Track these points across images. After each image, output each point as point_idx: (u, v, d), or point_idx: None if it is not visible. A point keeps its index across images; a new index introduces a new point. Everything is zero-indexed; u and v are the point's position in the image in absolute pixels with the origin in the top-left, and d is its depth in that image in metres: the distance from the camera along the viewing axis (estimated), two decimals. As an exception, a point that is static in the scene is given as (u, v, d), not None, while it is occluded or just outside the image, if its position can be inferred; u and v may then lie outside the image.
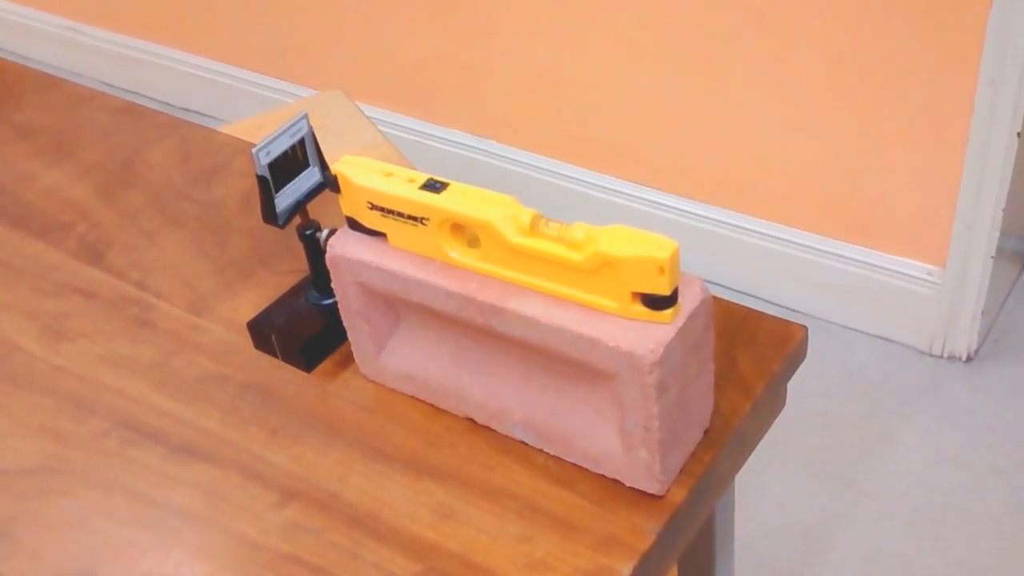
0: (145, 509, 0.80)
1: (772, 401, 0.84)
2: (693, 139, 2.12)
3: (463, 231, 0.75)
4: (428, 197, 0.74)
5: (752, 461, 1.88)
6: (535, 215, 0.71)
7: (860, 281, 2.07)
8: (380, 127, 2.56)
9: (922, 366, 2.04)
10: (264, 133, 1.35)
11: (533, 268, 0.72)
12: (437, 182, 0.75)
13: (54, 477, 0.84)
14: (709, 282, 2.28)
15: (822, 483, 1.84)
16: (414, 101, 2.54)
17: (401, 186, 0.75)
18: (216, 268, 1.02)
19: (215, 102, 2.96)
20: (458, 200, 0.73)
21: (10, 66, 1.39)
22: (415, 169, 0.79)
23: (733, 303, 0.89)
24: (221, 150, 1.19)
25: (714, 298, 0.88)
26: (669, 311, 0.68)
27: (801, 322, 2.14)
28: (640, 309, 0.68)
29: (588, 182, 2.32)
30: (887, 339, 2.09)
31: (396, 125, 2.58)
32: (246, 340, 0.93)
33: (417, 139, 2.56)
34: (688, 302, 0.70)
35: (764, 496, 1.83)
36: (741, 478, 1.85)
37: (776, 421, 1.93)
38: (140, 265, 1.04)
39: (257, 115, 1.73)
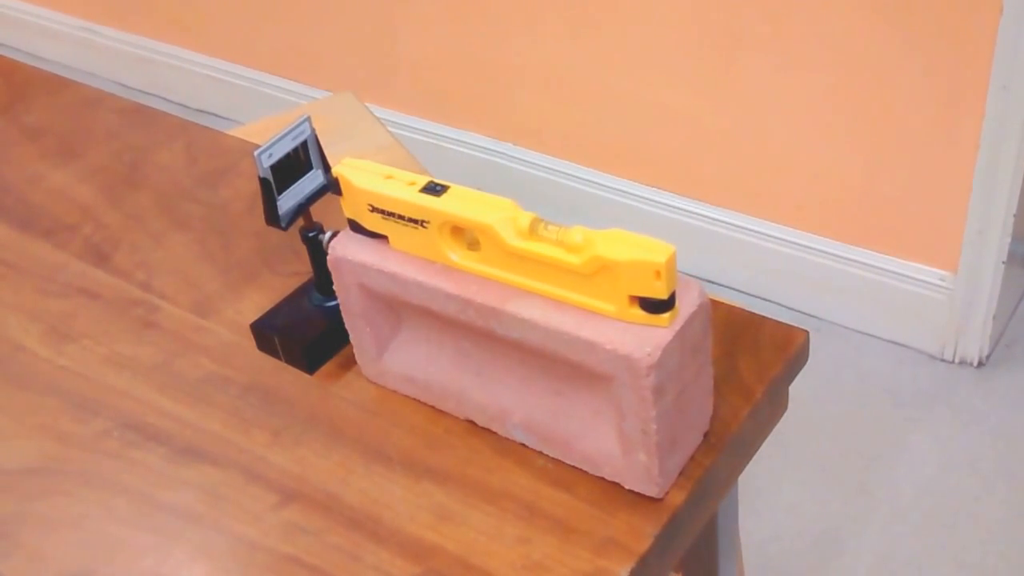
0: (146, 510, 0.81)
1: (772, 405, 0.84)
2: (707, 143, 2.12)
3: (463, 234, 0.75)
4: (428, 200, 0.74)
5: (762, 465, 1.88)
6: (534, 218, 0.71)
7: (871, 285, 2.06)
8: (393, 129, 2.56)
9: (933, 371, 2.03)
10: (273, 135, 1.36)
11: (532, 271, 0.72)
12: (437, 185, 0.75)
13: (56, 477, 0.84)
14: (720, 285, 2.28)
15: (833, 487, 1.84)
16: (428, 104, 2.54)
17: (401, 189, 0.75)
18: (221, 270, 1.02)
19: (230, 103, 2.97)
20: (458, 203, 0.73)
21: (19, 67, 1.40)
22: (426, 172, 0.79)
23: (735, 307, 0.89)
24: (228, 152, 1.19)
25: (716, 302, 0.88)
26: (666, 315, 0.68)
27: (814, 326, 2.14)
28: (638, 312, 0.68)
29: (602, 184, 2.32)
30: (898, 344, 2.09)
31: (409, 127, 2.59)
32: (249, 342, 0.93)
33: (431, 141, 2.56)
34: (686, 306, 0.70)
35: (775, 500, 1.82)
36: (751, 482, 1.85)
37: (787, 425, 1.93)
38: (145, 266, 1.04)
39: (268, 117, 1.74)
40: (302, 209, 0.87)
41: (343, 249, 0.80)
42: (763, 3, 1.88)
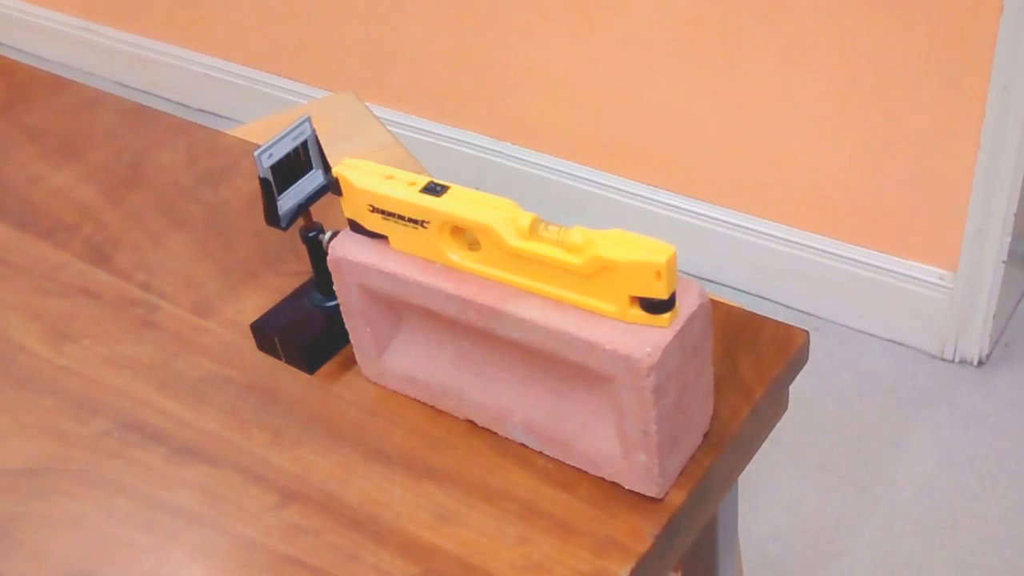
0: (146, 510, 0.81)
1: (773, 405, 0.84)
2: (707, 142, 2.12)
3: (463, 234, 0.75)
4: (428, 200, 0.74)
5: (762, 464, 1.88)
6: (534, 219, 0.71)
7: (872, 285, 2.06)
8: (394, 129, 2.56)
9: (933, 370, 2.03)
10: (273, 135, 1.36)
11: (532, 271, 0.72)
12: (437, 185, 0.75)
13: (56, 477, 0.84)
14: (721, 284, 2.28)
15: (833, 486, 1.84)
16: (428, 103, 2.54)
17: (401, 189, 0.75)
18: (221, 270, 1.02)
19: (230, 103, 2.97)
20: (458, 203, 0.73)
21: (20, 68, 1.40)
22: (425, 171, 0.79)
23: (735, 307, 0.89)
24: (228, 152, 1.19)
25: (716, 302, 0.88)
26: (667, 315, 0.68)
27: (813, 325, 2.14)
28: (638, 313, 0.68)
29: (602, 184, 2.32)
30: (898, 343, 2.09)
31: (409, 127, 2.59)
32: (249, 342, 0.93)
33: (432, 141, 2.56)
34: (686, 306, 0.70)
35: (775, 499, 1.82)
36: (752, 481, 1.85)
37: (787, 424, 1.93)
38: (145, 266, 1.04)
39: (268, 117, 1.74)
40: (302, 209, 0.87)
41: (343, 249, 0.80)
42: (762, 2, 1.88)
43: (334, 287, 0.83)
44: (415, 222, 0.75)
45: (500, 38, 2.28)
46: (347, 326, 0.85)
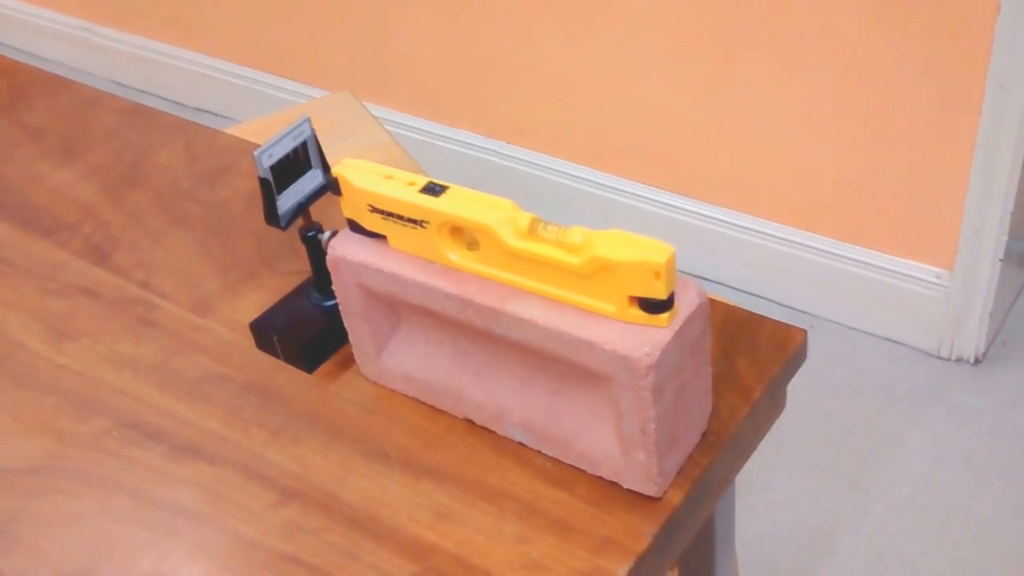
0: (145, 508, 0.81)
1: (771, 404, 0.84)
2: (702, 141, 2.13)
3: (462, 234, 0.75)
4: (428, 200, 0.74)
5: (758, 462, 1.88)
6: (533, 219, 0.71)
7: (868, 283, 2.06)
8: (389, 128, 2.57)
9: (929, 368, 2.03)
10: (271, 134, 1.36)
11: (531, 271, 0.72)
12: (436, 185, 0.75)
13: (55, 476, 0.84)
14: (716, 283, 2.28)
15: (828, 484, 1.84)
16: (423, 102, 2.54)
17: (401, 189, 0.76)
18: (220, 269, 1.02)
19: (227, 102, 2.97)
20: (457, 203, 0.73)
21: (20, 67, 1.40)
22: (422, 170, 0.79)
23: (733, 306, 0.89)
24: (227, 151, 1.19)
25: (715, 301, 0.88)
26: (665, 315, 0.68)
27: (809, 324, 2.14)
28: (637, 313, 0.69)
29: (597, 183, 2.33)
30: (895, 341, 2.09)
31: (405, 126, 2.59)
32: (248, 341, 0.93)
33: (426, 140, 2.57)
34: (685, 306, 0.70)
35: (770, 497, 1.83)
36: (747, 479, 1.85)
37: (783, 422, 1.93)
38: (145, 265, 1.04)
39: (265, 116, 1.74)
40: (301, 209, 0.88)
41: (342, 249, 0.80)
42: (758, 1, 1.88)
43: (333, 286, 0.83)
44: (414, 222, 0.75)
45: (496, 38, 2.28)
46: (346, 325, 0.85)
